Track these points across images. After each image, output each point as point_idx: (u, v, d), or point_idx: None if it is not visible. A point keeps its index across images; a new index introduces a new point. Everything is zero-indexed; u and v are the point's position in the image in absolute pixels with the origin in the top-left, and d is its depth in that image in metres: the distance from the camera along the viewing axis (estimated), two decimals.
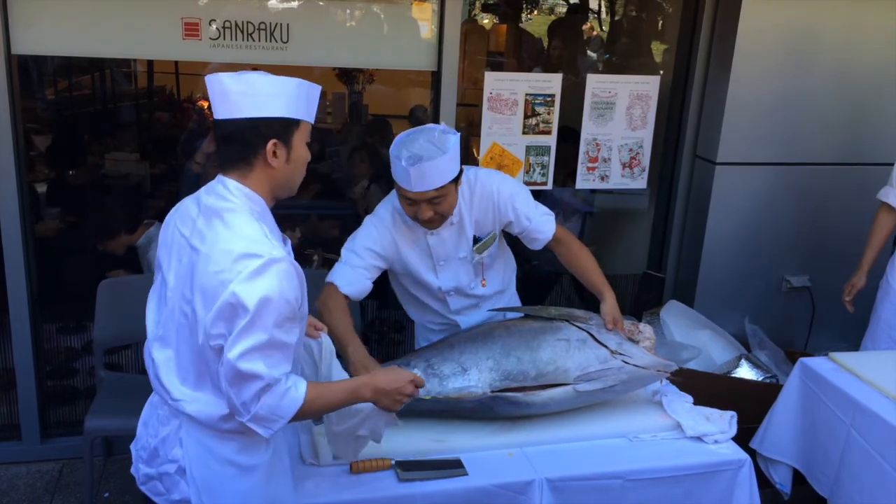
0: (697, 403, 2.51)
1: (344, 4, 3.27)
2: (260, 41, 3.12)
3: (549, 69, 4.20)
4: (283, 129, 1.70)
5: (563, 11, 5.18)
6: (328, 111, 4.50)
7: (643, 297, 3.90)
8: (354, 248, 2.41)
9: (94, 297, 3.03)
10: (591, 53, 4.77)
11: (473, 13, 4.75)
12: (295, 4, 3.21)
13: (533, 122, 3.51)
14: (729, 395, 2.74)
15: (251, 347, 1.59)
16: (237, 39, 3.10)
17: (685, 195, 3.89)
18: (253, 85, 1.67)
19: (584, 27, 5.10)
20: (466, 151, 3.70)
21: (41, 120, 3.88)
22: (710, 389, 2.70)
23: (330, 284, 2.37)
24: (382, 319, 3.98)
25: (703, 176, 3.76)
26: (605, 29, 5.33)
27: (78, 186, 4.02)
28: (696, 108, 3.76)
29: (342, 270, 2.39)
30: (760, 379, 3.32)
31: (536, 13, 5.34)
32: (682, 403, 2.49)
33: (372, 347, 3.70)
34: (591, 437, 2.35)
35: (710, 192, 3.69)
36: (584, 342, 2.40)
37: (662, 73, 3.96)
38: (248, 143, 1.69)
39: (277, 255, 1.62)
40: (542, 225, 2.51)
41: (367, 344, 2.47)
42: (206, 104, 4.14)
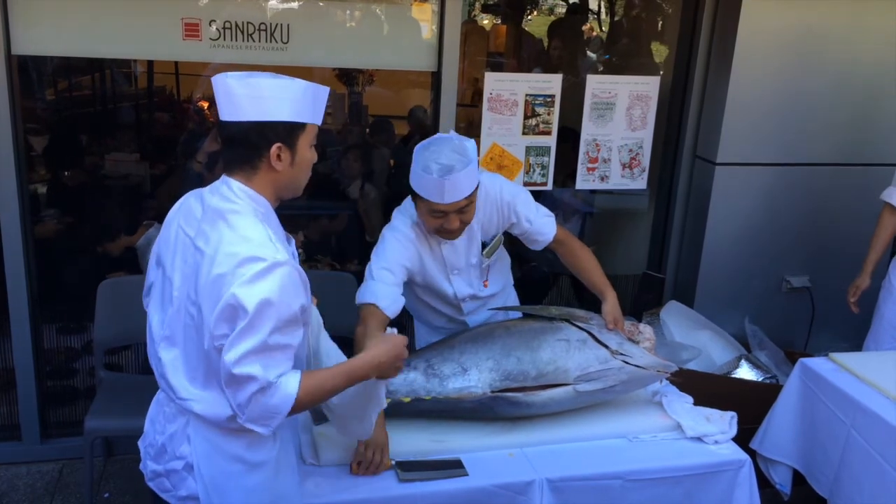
0: (697, 404, 2.51)
1: (344, 5, 3.27)
2: (260, 42, 3.12)
3: (548, 70, 4.20)
4: (287, 132, 1.69)
5: (562, 12, 5.18)
6: (328, 111, 4.50)
7: (643, 297, 3.89)
8: (387, 265, 2.32)
9: (94, 297, 3.03)
10: (590, 54, 4.76)
11: (473, 14, 4.75)
12: (295, 5, 3.21)
13: (533, 122, 3.51)
14: (729, 395, 2.74)
15: (248, 351, 1.58)
16: (237, 40, 3.10)
17: (685, 196, 3.88)
18: (258, 88, 1.65)
19: (583, 28, 5.10)
20: None
21: (41, 120, 3.87)
22: (710, 390, 2.70)
23: (371, 306, 2.25)
24: None
25: (703, 176, 3.76)
26: (604, 29, 5.33)
27: (78, 187, 4.01)
28: (696, 108, 3.76)
29: (378, 289, 2.28)
30: (760, 379, 3.32)
31: (536, 14, 5.33)
32: (682, 404, 2.49)
33: None
34: (591, 437, 2.35)
35: (710, 192, 3.69)
36: (584, 342, 2.40)
37: (662, 73, 3.96)
38: (252, 145, 1.69)
39: (281, 258, 1.62)
40: (543, 227, 2.51)
41: None
42: (205, 104, 4.13)
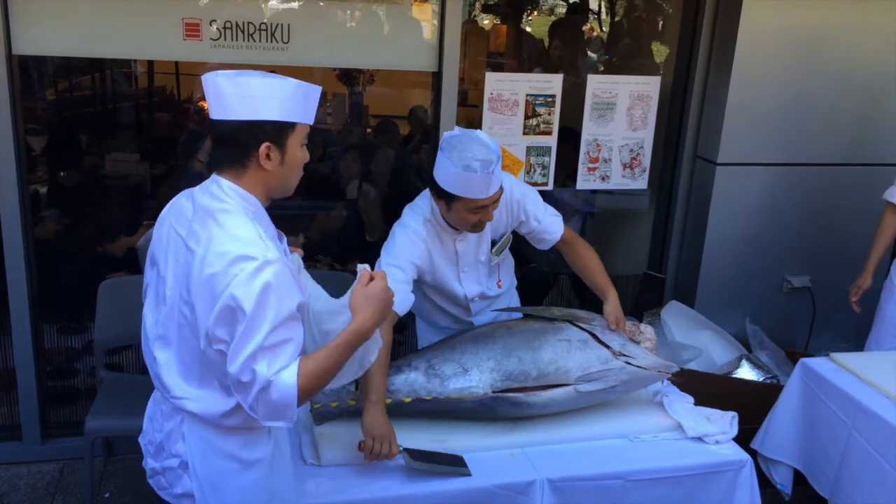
0: (698, 404, 2.51)
1: (344, 5, 3.27)
2: (260, 42, 3.12)
3: (549, 70, 4.20)
4: (277, 132, 1.68)
5: (563, 12, 5.17)
6: (329, 111, 4.50)
7: (644, 297, 3.89)
8: (398, 262, 2.30)
9: (94, 297, 3.03)
10: (591, 54, 4.76)
11: (474, 14, 4.75)
12: (295, 5, 3.21)
13: (533, 122, 3.51)
14: (730, 395, 2.74)
15: (251, 354, 1.58)
16: (238, 40, 3.10)
17: (686, 196, 3.88)
18: (247, 87, 1.65)
19: (584, 28, 5.09)
20: None
21: (42, 120, 3.87)
22: (710, 390, 2.69)
23: None
24: None
25: (703, 176, 3.76)
26: (605, 29, 5.32)
27: (78, 187, 4.01)
28: (696, 108, 3.76)
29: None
30: (761, 379, 3.32)
31: (537, 14, 5.33)
32: (682, 404, 2.49)
33: None
34: (592, 437, 2.35)
35: (710, 192, 3.68)
36: (585, 343, 2.40)
37: (663, 73, 3.96)
38: (241, 144, 1.68)
39: (272, 256, 1.61)
40: (551, 226, 2.52)
41: None
42: (205, 104, 4.12)
